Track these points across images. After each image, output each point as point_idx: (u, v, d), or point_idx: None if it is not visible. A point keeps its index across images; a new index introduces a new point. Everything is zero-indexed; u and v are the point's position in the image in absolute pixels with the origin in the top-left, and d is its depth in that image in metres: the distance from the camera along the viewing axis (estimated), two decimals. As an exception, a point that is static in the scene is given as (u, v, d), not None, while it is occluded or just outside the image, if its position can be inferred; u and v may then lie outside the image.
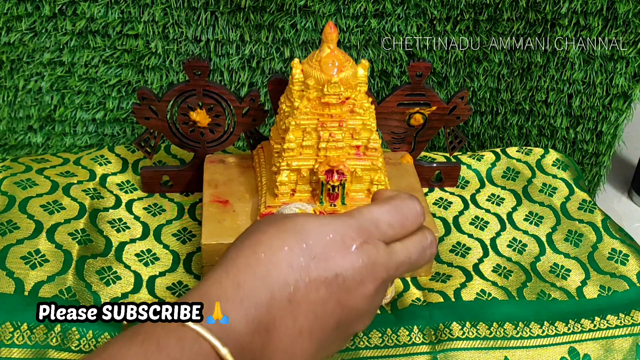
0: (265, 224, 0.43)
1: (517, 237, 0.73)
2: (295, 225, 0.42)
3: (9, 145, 1.02)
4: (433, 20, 0.92)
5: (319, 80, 0.59)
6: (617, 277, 0.68)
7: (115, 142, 1.01)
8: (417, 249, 0.45)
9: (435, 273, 0.67)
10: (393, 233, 0.44)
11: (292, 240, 0.41)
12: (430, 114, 0.72)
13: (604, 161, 1.08)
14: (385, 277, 0.43)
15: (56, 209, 0.67)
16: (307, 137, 0.62)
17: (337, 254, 0.41)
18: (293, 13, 0.90)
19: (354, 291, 0.42)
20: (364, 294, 0.42)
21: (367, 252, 0.42)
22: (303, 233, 0.41)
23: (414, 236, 0.45)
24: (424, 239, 0.46)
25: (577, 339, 0.61)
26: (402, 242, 0.45)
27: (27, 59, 0.93)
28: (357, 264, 0.41)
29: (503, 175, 0.82)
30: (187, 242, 0.69)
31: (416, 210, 0.45)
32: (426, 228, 0.47)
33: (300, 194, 0.63)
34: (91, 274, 0.61)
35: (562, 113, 1.02)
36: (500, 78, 0.99)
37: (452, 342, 0.59)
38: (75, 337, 0.54)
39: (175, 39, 0.92)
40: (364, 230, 0.43)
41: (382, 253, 0.43)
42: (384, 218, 0.44)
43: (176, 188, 0.75)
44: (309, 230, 0.42)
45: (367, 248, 0.42)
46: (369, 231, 0.43)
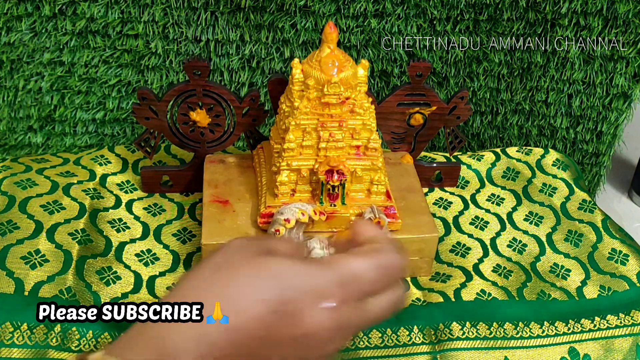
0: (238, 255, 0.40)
1: (517, 237, 0.73)
2: (270, 270, 0.39)
3: (9, 145, 1.02)
4: (433, 20, 0.92)
5: (319, 80, 0.59)
6: (617, 277, 0.68)
7: (115, 142, 1.01)
8: (390, 305, 0.42)
9: (435, 273, 0.67)
10: (373, 290, 0.41)
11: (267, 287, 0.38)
12: (430, 114, 0.72)
13: (604, 161, 1.08)
14: (353, 334, 0.41)
15: (56, 209, 0.67)
16: (307, 137, 0.62)
17: (310, 311, 0.38)
18: (293, 13, 0.90)
19: (319, 349, 0.39)
20: (328, 352, 0.40)
21: (343, 314, 0.39)
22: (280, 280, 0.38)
23: (389, 291, 0.42)
24: (398, 295, 0.43)
25: (577, 339, 0.61)
26: (377, 298, 0.41)
27: (27, 59, 0.93)
28: (328, 325, 0.39)
29: (503, 175, 0.82)
30: (187, 242, 0.69)
31: (400, 267, 0.42)
32: (399, 284, 0.43)
33: (300, 194, 0.63)
34: (91, 274, 0.61)
35: (562, 113, 1.02)
36: (500, 78, 0.99)
37: (452, 342, 0.59)
38: (75, 337, 0.54)
39: (175, 39, 0.92)
40: (345, 287, 0.39)
41: (357, 314, 0.40)
42: (368, 275, 0.40)
43: (176, 188, 0.75)
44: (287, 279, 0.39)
45: (344, 309, 0.39)
46: (349, 288, 0.39)
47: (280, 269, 0.39)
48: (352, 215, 0.63)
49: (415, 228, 0.65)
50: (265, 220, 0.63)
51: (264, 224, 0.63)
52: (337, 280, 0.39)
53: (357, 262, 0.41)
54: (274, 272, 0.39)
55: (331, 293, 0.39)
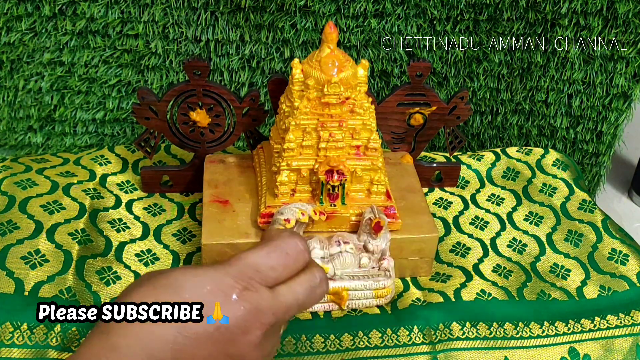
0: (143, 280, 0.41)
1: (517, 237, 0.73)
2: (168, 280, 0.40)
3: (9, 145, 1.02)
4: (433, 20, 0.92)
5: (319, 80, 0.59)
6: (617, 277, 0.68)
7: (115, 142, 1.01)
8: (305, 289, 0.43)
9: (435, 273, 0.67)
10: (276, 275, 0.42)
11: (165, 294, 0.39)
12: (430, 114, 0.72)
13: (604, 161, 1.08)
14: (273, 321, 0.41)
15: (56, 209, 0.67)
16: (307, 137, 0.62)
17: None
18: (293, 13, 0.90)
19: (240, 340, 0.40)
20: (251, 341, 0.40)
21: (248, 298, 0.40)
22: (178, 287, 0.40)
23: (301, 275, 0.43)
24: (312, 278, 0.44)
25: (577, 339, 0.61)
26: (288, 284, 0.43)
27: (27, 59, 0.93)
28: (239, 313, 0.40)
29: (503, 175, 0.82)
30: (187, 242, 0.69)
31: (298, 248, 0.43)
32: (315, 266, 0.45)
33: (300, 194, 0.63)
34: (91, 274, 0.61)
35: (562, 113, 1.02)
36: (500, 78, 0.99)
37: (452, 342, 0.59)
38: (75, 337, 0.54)
39: (175, 39, 0.92)
40: (244, 276, 0.41)
41: (265, 297, 0.41)
42: (264, 261, 0.42)
43: (176, 188, 0.75)
44: (182, 281, 0.40)
45: (248, 295, 0.40)
46: (248, 276, 0.41)
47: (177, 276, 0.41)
48: (352, 215, 0.64)
49: (415, 228, 0.65)
50: (265, 220, 0.63)
51: (264, 224, 0.63)
52: (234, 272, 0.41)
53: (250, 252, 0.42)
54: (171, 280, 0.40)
55: (231, 285, 0.40)
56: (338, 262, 0.61)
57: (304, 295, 0.43)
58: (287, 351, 0.57)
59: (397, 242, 0.64)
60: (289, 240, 0.43)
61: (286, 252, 0.43)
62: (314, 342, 0.58)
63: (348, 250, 0.61)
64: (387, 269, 0.62)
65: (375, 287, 0.61)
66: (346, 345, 0.58)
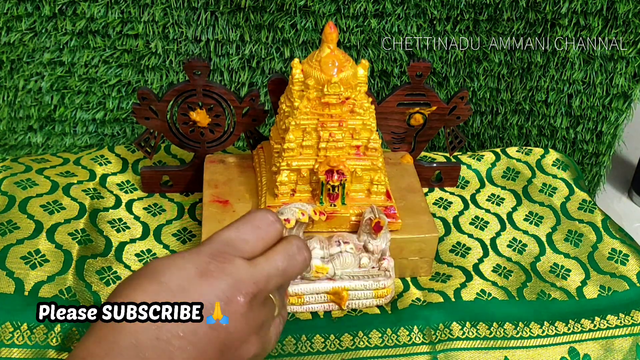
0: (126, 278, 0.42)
1: (517, 237, 0.73)
2: (146, 269, 0.41)
3: (9, 145, 1.02)
4: (433, 20, 0.92)
5: (319, 80, 0.59)
6: (617, 277, 0.68)
7: (115, 142, 1.01)
8: (283, 256, 0.44)
9: (435, 273, 0.67)
10: (251, 248, 0.43)
11: (145, 281, 0.40)
12: (430, 114, 0.72)
13: (604, 161, 1.08)
14: (255, 291, 0.42)
15: (56, 209, 0.67)
16: (307, 137, 0.62)
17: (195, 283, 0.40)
18: (293, 13, 0.90)
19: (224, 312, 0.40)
20: (237, 311, 0.41)
21: (226, 271, 0.41)
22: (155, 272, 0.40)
23: (277, 246, 0.45)
24: (289, 246, 0.45)
25: (577, 339, 0.61)
26: (265, 254, 0.44)
27: (27, 59, 0.93)
28: (219, 286, 0.40)
29: (503, 175, 0.82)
30: (187, 242, 0.69)
31: (268, 220, 0.44)
32: (293, 236, 0.46)
33: (300, 194, 0.64)
34: (91, 274, 0.61)
35: (562, 113, 1.02)
36: (500, 78, 0.99)
37: (452, 342, 0.59)
38: (75, 337, 0.54)
39: (175, 39, 0.92)
40: (218, 253, 0.42)
41: (242, 268, 0.42)
42: (235, 235, 0.43)
43: (176, 188, 0.75)
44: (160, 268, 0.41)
45: (225, 267, 0.41)
46: (223, 252, 0.42)
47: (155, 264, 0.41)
48: (352, 215, 0.64)
49: (415, 228, 0.65)
50: (265, 220, 0.63)
51: (264, 224, 0.63)
52: (208, 250, 0.42)
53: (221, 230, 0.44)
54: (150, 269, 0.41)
55: (205, 262, 0.41)
56: (338, 262, 0.61)
57: (283, 262, 0.44)
58: (287, 351, 0.57)
59: (397, 242, 0.64)
60: (258, 213, 0.45)
61: (256, 225, 0.44)
62: (314, 342, 0.58)
63: (348, 250, 0.61)
64: (387, 269, 0.62)
65: (375, 287, 0.61)
66: (346, 345, 0.58)
